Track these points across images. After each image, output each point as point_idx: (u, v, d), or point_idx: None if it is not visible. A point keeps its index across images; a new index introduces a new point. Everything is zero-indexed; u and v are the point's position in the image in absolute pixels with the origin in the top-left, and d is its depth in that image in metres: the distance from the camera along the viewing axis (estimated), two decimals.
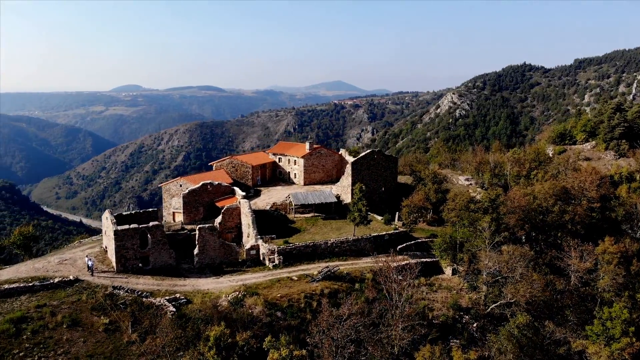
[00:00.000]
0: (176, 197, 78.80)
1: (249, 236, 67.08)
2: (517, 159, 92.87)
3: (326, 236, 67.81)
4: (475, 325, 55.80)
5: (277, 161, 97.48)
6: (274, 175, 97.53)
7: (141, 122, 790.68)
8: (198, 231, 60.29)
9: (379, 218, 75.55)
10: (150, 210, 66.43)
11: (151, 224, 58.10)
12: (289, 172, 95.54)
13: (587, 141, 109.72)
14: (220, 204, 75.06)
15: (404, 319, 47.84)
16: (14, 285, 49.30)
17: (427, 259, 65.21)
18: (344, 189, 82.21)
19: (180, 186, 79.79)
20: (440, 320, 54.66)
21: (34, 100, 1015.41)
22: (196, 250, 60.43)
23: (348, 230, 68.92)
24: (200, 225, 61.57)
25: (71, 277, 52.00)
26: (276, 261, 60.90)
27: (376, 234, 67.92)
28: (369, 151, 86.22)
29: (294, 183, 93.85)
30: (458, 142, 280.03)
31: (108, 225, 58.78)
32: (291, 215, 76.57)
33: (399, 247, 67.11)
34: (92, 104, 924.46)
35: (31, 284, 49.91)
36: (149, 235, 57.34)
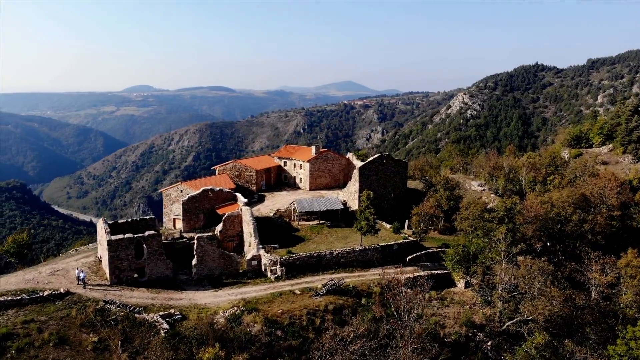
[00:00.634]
0: (177, 203, 76.09)
1: (250, 245, 64.07)
2: (533, 163, 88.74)
3: (331, 245, 64.62)
4: (489, 343, 52.23)
5: (282, 165, 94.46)
6: (279, 180, 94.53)
7: (152, 122, 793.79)
8: (196, 241, 57.34)
9: (387, 226, 72.14)
10: (147, 217, 63.55)
11: (147, 233, 55.20)
12: (294, 176, 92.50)
13: (603, 144, 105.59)
14: (221, 211, 72.09)
15: (413, 339, 44.51)
16: (2, 298, 46.70)
17: (439, 270, 61.77)
18: (350, 195, 78.91)
19: (181, 191, 77.12)
20: (452, 338, 51.18)
21: (46, 100, 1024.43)
22: (194, 261, 57.52)
23: (355, 239, 65.62)
24: (198, 235, 58.61)
25: (62, 290, 49.31)
26: (278, 273, 57.82)
27: (384, 243, 64.57)
28: (377, 155, 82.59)
29: (299, 188, 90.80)
30: (469, 143, 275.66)
31: (102, 234, 56.10)
32: (295, 223, 73.43)
33: (408, 257, 63.85)
34: (104, 104, 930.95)
35: (19, 297, 47.26)
36: (144, 245, 54.57)
